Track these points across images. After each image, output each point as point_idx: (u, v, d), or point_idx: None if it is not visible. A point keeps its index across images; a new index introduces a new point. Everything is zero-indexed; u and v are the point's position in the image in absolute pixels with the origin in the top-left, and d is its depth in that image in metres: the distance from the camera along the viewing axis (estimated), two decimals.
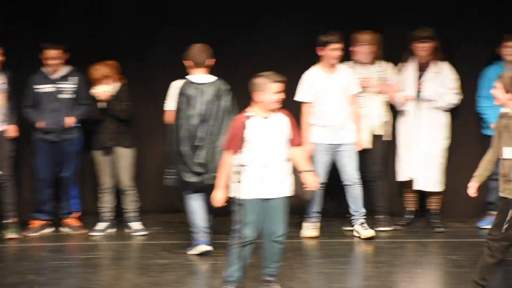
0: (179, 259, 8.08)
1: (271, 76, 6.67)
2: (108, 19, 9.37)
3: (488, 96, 8.79)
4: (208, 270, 7.70)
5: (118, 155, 8.83)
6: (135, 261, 8.01)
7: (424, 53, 8.65)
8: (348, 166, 8.49)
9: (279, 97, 6.65)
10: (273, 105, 6.68)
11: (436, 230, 8.77)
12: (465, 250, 8.12)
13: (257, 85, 6.68)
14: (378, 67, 8.80)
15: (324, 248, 8.28)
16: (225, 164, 6.67)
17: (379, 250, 8.22)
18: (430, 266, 7.80)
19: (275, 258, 6.81)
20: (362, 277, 7.43)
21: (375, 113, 8.74)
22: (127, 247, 8.59)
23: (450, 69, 8.74)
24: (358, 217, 8.53)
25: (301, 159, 6.80)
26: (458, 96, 8.75)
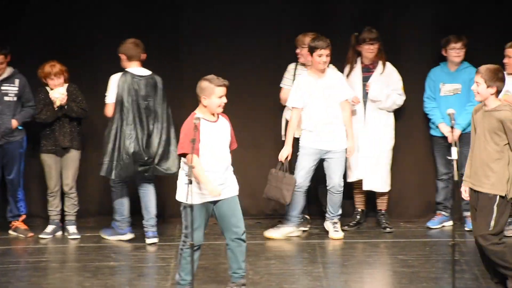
0: (129, 261, 8.04)
1: (215, 80, 6.72)
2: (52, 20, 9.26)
3: (433, 97, 8.89)
4: (158, 272, 7.66)
5: (68, 157, 8.73)
6: (84, 263, 7.94)
7: (371, 54, 8.72)
8: (334, 174, 8.47)
9: (223, 100, 6.71)
10: (218, 108, 6.72)
11: (385, 230, 8.84)
12: (414, 250, 8.19)
13: (202, 89, 6.72)
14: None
15: (274, 249, 8.29)
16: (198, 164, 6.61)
17: (329, 250, 8.26)
18: (380, 266, 7.86)
19: (243, 258, 6.86)
20: (313, 278, 7.45)
21: None
22: (76, 250, 8.51)
23: (395, 70, 8.81)
24: (333, 216, 8.58)
25: None
26: (402, 97, 8.82)
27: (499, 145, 6.58)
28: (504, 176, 6.58)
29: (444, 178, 8.93)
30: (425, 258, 7.96)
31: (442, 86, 8.83)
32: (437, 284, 7.27)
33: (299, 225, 8.74)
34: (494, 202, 6.59)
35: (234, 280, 6.94)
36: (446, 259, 7.77)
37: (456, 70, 8.81)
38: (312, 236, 8.74)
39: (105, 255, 8.21)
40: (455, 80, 8.78)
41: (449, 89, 8.80)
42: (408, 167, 9.11)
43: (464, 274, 7.38)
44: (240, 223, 6.85)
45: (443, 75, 8.85)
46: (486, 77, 6.61)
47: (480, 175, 6.63)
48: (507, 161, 6.59)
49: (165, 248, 8.35)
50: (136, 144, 8.27)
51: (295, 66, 8.86)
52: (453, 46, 8.72)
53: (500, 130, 6.56)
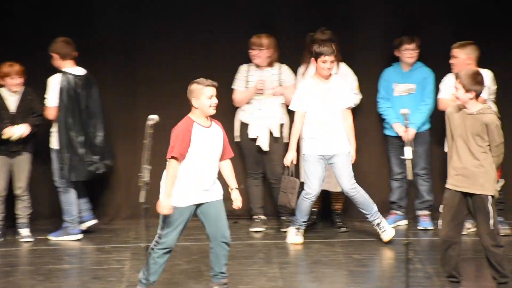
0: (83, 264, 7.98)
1: (204, 81, 6.77)
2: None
3: (387, 97, 8.94)
4: (113, 275, 7.60)
5: (20, 160, 8.64)
6: (37, 267, 7.86)
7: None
8: (342, 177, 8.35)
9: (214, 101, 6.75)
10: (209, 109, 6.74)
11: (340, 230, 8.87)
12: (368, 249, 8.23)
13: (191, 91, 6.77)
14: (274, 70, 8.86)
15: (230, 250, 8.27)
16: (172, 172, 6.65)
17: (284, 250, 8.27)
18: (335, 266, 7.88)
19: (226, 261, 6.92)
20: (268, 278, 7.45)
21: (273, 115, 8.80)
22: (29, 253, 8.43)
23: (349, 70, 8.85)
24: (372, 217, 8.46)
25: (230, 173, 6.94)
26: (358, 96, 8.87)
27: (483, 147, 6.65)
28: (491, 176, 6.68)
29: (398, 178, 8.99)
30: (379, 257, 8.01)
31: (395, 86, 8.88)
32: (391, 283, 7.31)
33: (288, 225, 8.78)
34: (487, 201, 6.68)
35: (216, 280, 6.98)
36: (400, 258, 7.81)
37: (409, 70, 8.87)
38: (268, 236, 8.75)
39: (58, 257, 8.14)
40: (408, 80, 8.84)
41: (403, 89, 8.86)
42: (363, 167, 9.15)
43: (418, 273, 7.43)
44: (225, 227, 6.90)
45: (397, 76, 8.91)
46: (464, 82, 6.65)
47: (470, 177, 6.69)
48: (491, 162, 6.69)
49: (120, 250, 8.30)
50: (82, 145, 8.37)
51: (247, 67, 8.87)
52: (406, 47, 8.78)
53: (484, 133, 6.64)
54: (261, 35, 8.76)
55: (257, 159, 8.90)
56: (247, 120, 8.85)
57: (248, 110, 8.85)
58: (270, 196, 9.12)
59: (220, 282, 6.96)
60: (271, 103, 8.78)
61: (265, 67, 8.83)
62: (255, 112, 8.81)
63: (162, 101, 8.98)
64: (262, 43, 8.74)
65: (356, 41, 9.11)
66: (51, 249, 8.42)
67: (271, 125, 8.80)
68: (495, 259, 6.72)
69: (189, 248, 8.31)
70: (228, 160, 6.94)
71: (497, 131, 6.64)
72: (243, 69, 8.86)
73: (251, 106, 8.84)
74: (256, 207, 8.98)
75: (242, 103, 8.84)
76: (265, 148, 8.80)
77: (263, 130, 8.78)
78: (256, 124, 8.80)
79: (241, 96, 8.80)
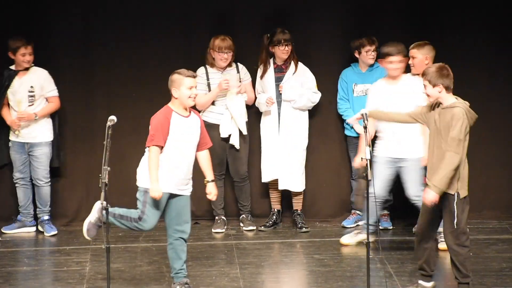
0: (43, 266, 7.91)
1: (184, 71, 6.87)
2: None
3: (347, 98, 8.97)
4: (73, 276, 7.55)
5: None
6: None
7: (285, 55, 8.76)
8: (408, 183, 8.08)
9: (193, 92, 6.83)
10: (189, 100, 6.82)
11: (301, 230, 8.89)
12: (329, 249, 8.26)
13: (172, 81, 6.87)
14: (233, 70, 8.87)
15: (191, 251, 8.25)
16: (154, 159, 6.77)
17: (245, 251, 8.27)
18: (296, 266, 7.90)
19: (185, 258, 6.97)
20: (230, 279, 7.45)
21: (239, 113, 8.79)
22: None
23: (307, 69, 8.86)
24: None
25: (208, 164, 7.01)
26: (317, 94, 8.86)
27: None
28: (460, 174, 6.73)
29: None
30: (340, 257, 8.04)
31: (354, 87, 8.93)
32: (352, 283, 7.35)
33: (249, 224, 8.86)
34: (453, 200, 6.72)
35: (177, 279, 6.98)
36: (361, 258, 7.86)
37: (367, 71, 8.91)
38: (229, 237, 8.74)
39: (17, 260, 8.07)
40: (367, 81, 8.87)
41: (362, 90, 8.90)
42: (323, 166, 9.18)
43: (379, 272, 7.47)
44: (187, 224, 6.98)
45: (355, 76, 8.94)
46: (429, 78, 6.72)
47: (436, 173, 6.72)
48: (463, 159, 6.73)
49: (80, 251, 8.25)
50: None
51: (204, 70, 8.82)
52: (368, 48, 8.81)
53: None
54: (225, 37, 8.73)
55: (222, 160, 8.89)
56: (216, 121, 8.82)
57: (216, 111, 8.82)
58: (231, 197, 9.11)
59: (182, 281, 6.96)
60: (237, 101, 8.77)
61: (224, 68, 8.83)
62: (225, 112, 8.79)
63: (120, 102, 8.94)
64: (230, 46, 8.73)
65: (313, 41, 9.12)
66: (10, 251, 8.34)
67: (240, 123, 8.79)
68: (457, 258, 6.78)
69: (150, 250, 8.28)
70: (206, 151, 7.04)
71: (459, 124, 6.61)
72: (201, 72, 8.82)
73: (217, 107, 8.81)
74: (217, 208, 8.98)
75: (206, 106, 8.81)
76: (238, 146, 8.80)
77: (235, 128, 8.78)
78: (227, 124, 8.78)
79: (205, 99, 8.76)
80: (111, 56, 9.00)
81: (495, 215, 9.12)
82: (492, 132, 9.04)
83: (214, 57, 8.78)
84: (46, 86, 8.67)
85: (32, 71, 8.66)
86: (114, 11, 9.00)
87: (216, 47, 8.73)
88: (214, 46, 8.74)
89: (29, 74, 8.63)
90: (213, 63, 8.80)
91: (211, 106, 8.82)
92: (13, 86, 8.61)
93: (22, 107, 8.59)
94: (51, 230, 8.77)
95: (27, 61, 8.57)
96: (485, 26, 9.03)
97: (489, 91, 9.03)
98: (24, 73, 8.63)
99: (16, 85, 8.61)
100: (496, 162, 9.13)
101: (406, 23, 9.08)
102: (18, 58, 8.57)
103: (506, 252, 8.06)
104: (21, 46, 8.53)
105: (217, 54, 8.74)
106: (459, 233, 6.75)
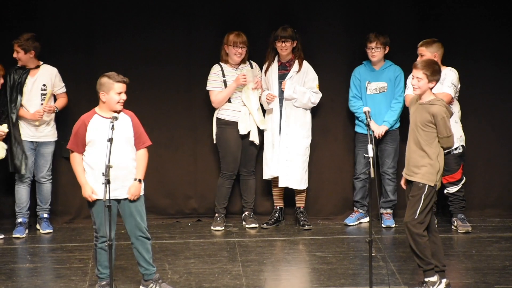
0: (46, 263, 7.92)
1: (114, 76, 6.72)
2: None
3: (359, 96, 8.94)
4: (75, 273, 7.56)
5: None
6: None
7: (284, 52, 8.75)
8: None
9: (122, 97, 6.71)
10: (117, 105, 6.71)
11: (303, 227, 8.89)
12: (332, 247, 8.26)
13: (101, 84, 6.73)
14: (247, 66, 8.87)
15: (193, 248, 8.27)
16: (75, 163, 6.77)
17: (248, 248, 8.27)
18: (298, 263, 7.90)
19: (150, 255, 6.89)
20: (232, 276, 7.45)
21: (257, 108, 8.78)
22: None
23: (311, 68, 8.84)
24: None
25: (139, 163, 6.85)
26: (318, 94, 8.84)
27: (430, 138, 6.76)
28: (435, 167, 6.77)
29: (362, 177, 9.00)
30: (343, 255, 8.04)
31: (368, 85, 8.88)
32: (354, 280, 7.35)
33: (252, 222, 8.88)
34: (423, 191, 6.78)
35: (148, 278, 6.96)
36: (363, 256, 7.87)
37: (380, 69, 8.87)
38: (232, 234, 8.74)
39: (20, 257, 8.08)
40: (380, 79, 8.84)
41: (375, 88, 8.86)
42: (325, 164, 9.18)
43: (381, 270, 7.47)
44: (144, 221, 6.87)
45: (368, 74, 8.90)
46: (428, 73, 6.77)
47: (412, 165, 6.83)
48: (437, 153, 6.78)
49: (83, 248, 8.26)
50: None
51: (219, 67, 8.81)
52: (368, 45, 8.80)
53: (432, 123, 6.74)
54: (240, 33, 8.73)
55: (236, 158, 8.87)
56: (234, 118, 8.81)
57: (233, 108, 8.81)
58: (235, 194, 9.11)
59: (154, 278, 6.94)
60: (253, 97, 8.77)
61: (239, 65, 8.82)
62: (242, 109, 8.79)
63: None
64: (245, 41, 8.72)
65: (319, 38, 9.10)
66: (13, 248, 8.35)
67: (257, 119, 8.78)
68: (417, 247, 6.82)
69: (152, 247, 8.25)
70: (143, 150, 6.87)
71: (444, 123, 6.74)
72: (217, 70, 8.80)
73: (234, 104, 8.80)
74: (220, 206, 8.97)
75: (222, 103, 8.80)
76: (258, 142, 8.80)
77: (253, 125, 8.79)
78: (246, 120, 8.78)
79: (221, 96, 8.76)
80: (114, 54, 8.99)
81: (498, 213, 9.12)
82: (494, 130, 9.03)
83: (228, 52, 8.76)
84: (57, 83, 8.72)
85: (43, 68, 8.68)
86: (117, 8, 9.00)
87: (230, 41, 8.71)
88: (228, 41, 8.73)
89: (40, 72, 8.67)
90: (227, 59, 8.79)
91: (227, 104, 8.81)
92: (26, 84, 8.62)
93: (35, 105, 8.61)
94: (47, 228, 8.78)
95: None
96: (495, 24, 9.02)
97: (491, 90, 9.02)
98: (36, 71, 8.65)
99: (29, 84, 8.63)
100: (499, 160, 9.12)
101: (413, 19, 9.05)
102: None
103: (508, 250, 8.06)
104: (14, 44, 8.55)
105: (232, 49, 8.72)
106: (417, 223, 6.80)
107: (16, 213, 8.72)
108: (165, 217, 9.17)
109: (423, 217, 6.80)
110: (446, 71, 8.39)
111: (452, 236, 8.56)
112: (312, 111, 8.95)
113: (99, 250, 6.82)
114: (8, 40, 8.64)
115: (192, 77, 9.04)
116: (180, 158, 9.16)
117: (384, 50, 8.78)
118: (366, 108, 6.99)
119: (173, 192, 9.16)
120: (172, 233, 8.77)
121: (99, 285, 6.93)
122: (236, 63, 8.79)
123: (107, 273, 6.77)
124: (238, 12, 9.07)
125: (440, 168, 6.82)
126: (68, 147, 6.81)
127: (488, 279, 7.28)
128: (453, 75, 8.44)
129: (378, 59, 8.81)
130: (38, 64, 8.67)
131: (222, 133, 8.85)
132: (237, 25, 8.89)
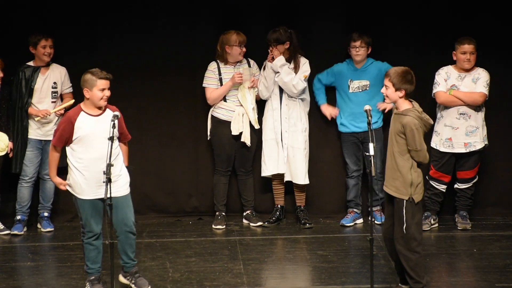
0: (47, 261, 7.93)
1: (98, 72, 6.72)
2: None
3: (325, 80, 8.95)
4: (76, 272, 7.56)
5: None
6: (0, 264, 7.79)
7: (270, 55, 8.74)
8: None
9: (106, 94, 6.70)
10: (100, 101, 6.71)
11: (304, 226, 8.89)
12: (333, 246, 8.26)
13: (84, 81, 6.73)
14: (245, 64, 8.86)
15: (194, 247, 8.27)
16: (51, 158, 6.81)
17: (249, 247, 8.27)
18: (299, 262, 7.90)
19: (132, 249, 6.93)
20: (233, 275, 7.45)
21: (252, 107, 8.78)
22: None
23: (307, 64, 8.75)
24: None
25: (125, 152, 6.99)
26: (302, 83, 8.62)
27: (402, 149, 6.62)
28: (407, 180, 6.62)
29: (355, 175, 8.99)
30: (344, 253, 8.04)
31: (350, 83, 8.87)
32: (355, 279, 7.35)
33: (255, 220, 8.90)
34: (402, 205, 6.65)
35: (126, 270, 7.03)
36: (364, 254, 7.86)
37: (362, 67, 8.86)
38: (233, 233, 8.74)
39: (22, 255, 8.08)
40: (362, 77, 8.83)
41: (358, 86, 8.85)
42: (326, 162, 9.18)
43: (382, 269, 7.47)
44: (130, 216, 6.88)
45: (350, 72, 8.88)
46: (394, 81, 6.63)
47: (389, 177, 6.71)
48: (410, 165, 6.63)
49: (80, 247, 8.24)
50: None
51: (216, 65, 8.82)
52: (352, 44, 8.78)
53: (403, 134, 6.60)
54: (239, 32, 8.73)
55: (230, 156, 8.88)
56: (227, 117, 8.80)
57: (227, 107, 8.81)
58: (234, 193, 9.11)
59: (131, 271, 6.99)
60: (249, 95, 8.77)
61: (235, 63, 8.82)
62: (236, 109, 8.78)
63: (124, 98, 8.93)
64: (245, 40, 8.72)
65: (320, 39, 9.10)
66: (14, 247, 8.36)
67: (252, 118, 8.78)
68: (407, 264, 6.68)
69: (153, 245, 8.28)
70: (125, 143, 6.99)
71: (412, 135, 6.54)
72: (213, 67, 8.81)
73: (229, 103, 8.80)
74: (219, 204, 8.98)
75: (217, 101, 8.80)
76: (249, 144, 8.80)
77: (246, 126, 8.78)
78: (239, 121, 8.77)
79: (217, 94, 8.76)
80: (115, 52, 8.99)
81: (499, 211, 9.12)
82: (495, 129, 9.02)
83: (229, 52, 8.73)
84: (66, 82, 8.75)
85: (53, 67, 8.70)
86: (119, 6, 9.00)
87: (235, 41, 8.68)
88: (231, 41, 8.70)
89: (51, 71, 8.68)
90: (227, 58, 8.77)
91: (222, 103, 8.81)
92: (37, 82, 8.62)
93: (46, 103, 8.61)
94: (48, 226, 8.78)
95: (48, 53, 8.60)
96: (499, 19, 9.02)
97: (493, 90, 9.00)
98: (46, 70, 8.66)
99: (40, 82, 8.63)
100: (500, 158, 9.11)
101: (406, 19, 9.06)
102: (39, 51, 8.59)
103: (510, 249, 8.05)
104: (42, 39, 8.57)
105: (237, 49, 8.70)
106: (408, 239, 6.63)
107: (16, 211, 8.73)
108: (166, 216, 9.18)
109: (412, 232, 6.63)
110: (479, 71, 8.53)
111: (454, 234, 8.56)
112: (312, 111, 8.94)
113: (86, 245, 6.88)
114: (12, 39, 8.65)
115: (194, 75, 9.03)
116: (181, 157, 9.16)
117: (367, 49, 8.77)
118: (367, 107, 6.96)
119: (174, 190, 9.17)
120: (173, 231, 8.77)
121: (88, 280, 6.95)
122: (236, 62, 8.79)
123: (96, 268, 6.88)
124: (238, 10, 9.07)
125: (414, 181, 6.61)
126: (54, 144, 6.79)
127: (490, 278, 7.28)
128: (486, 75, 8.52)
129: (362, 58, 8.80)
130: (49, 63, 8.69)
131: (216, 131, 8.86)
132: (237, 24, 8.89)
